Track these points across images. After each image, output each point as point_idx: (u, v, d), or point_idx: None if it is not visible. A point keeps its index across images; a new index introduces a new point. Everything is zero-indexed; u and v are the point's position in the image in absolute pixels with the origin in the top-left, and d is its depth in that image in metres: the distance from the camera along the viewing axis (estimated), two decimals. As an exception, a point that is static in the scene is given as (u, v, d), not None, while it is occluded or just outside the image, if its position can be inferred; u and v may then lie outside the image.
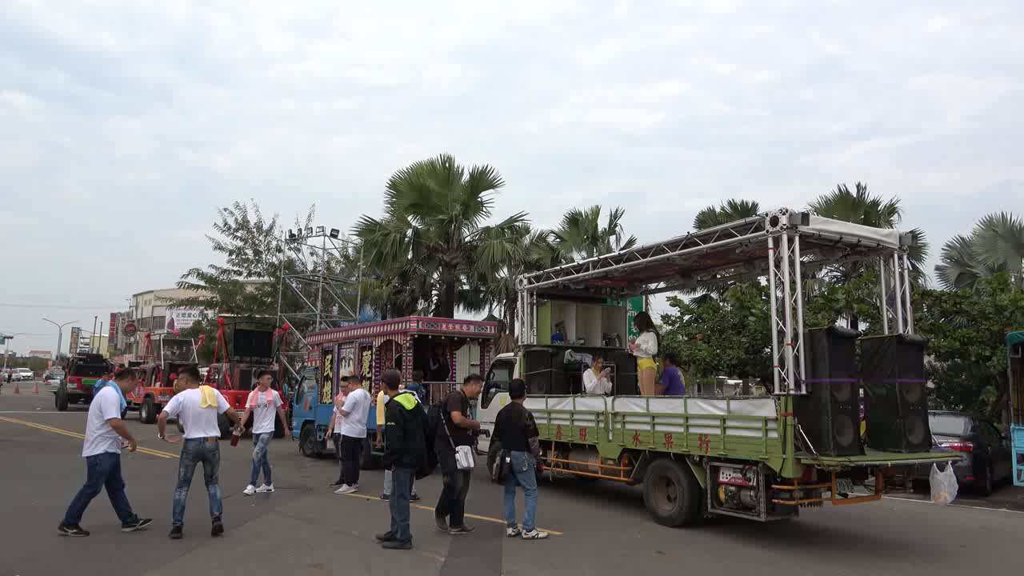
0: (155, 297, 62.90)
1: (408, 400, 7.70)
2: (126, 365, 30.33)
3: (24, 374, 75.26)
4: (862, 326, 17.44)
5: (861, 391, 8.22)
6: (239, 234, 28.92)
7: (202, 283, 29.51)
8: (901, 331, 8.64)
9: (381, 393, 9.86)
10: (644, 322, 11.21)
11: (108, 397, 7.74)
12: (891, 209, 23.75)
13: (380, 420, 9.95)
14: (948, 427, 12.94)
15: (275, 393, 11.19)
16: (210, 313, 31.86)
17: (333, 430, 11.82)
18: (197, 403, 7.84)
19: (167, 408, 7.91)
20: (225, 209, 28.82)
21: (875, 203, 23.70)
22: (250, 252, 29.19)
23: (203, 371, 25.33)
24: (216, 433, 7.90)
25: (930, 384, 18.35)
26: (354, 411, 11.08)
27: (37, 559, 6.68)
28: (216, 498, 7.84)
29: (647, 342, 10.49)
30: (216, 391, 8.08)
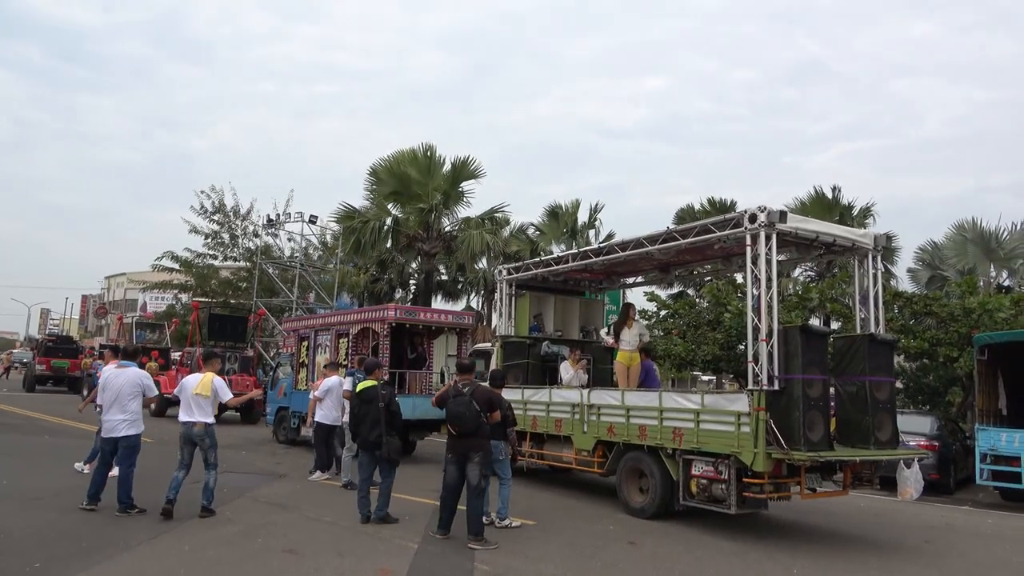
0: (128, 280, 61.99)
1: (363, 384, 7.99)
2: (97, 348, 29.89)
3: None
4: (835, 325, 17.70)
5: (832, 388, 8.35)
6: (215, 217, 28.62)
7: (176, 266, 29.18)
8: (873, 330, 8.78)
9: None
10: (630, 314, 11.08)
11: (218, 383, 7.98)
12: (866, 212, 24.06)
13: None
14: (915, 426, 13.20)
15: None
16: (184, 297, 31.51)
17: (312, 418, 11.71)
18: (190, 388, 7.88)
19: (177, 392, 8.15)
20: (202, 192, 28.53)
21: (850, 206, 24.00)
22: (226, 236, 28.90)
23: (175, 355, 25.13)
24: (206, 419, 7.86)
25: (899, 384, 18.69)
26: (327, 397, 11.01)
27: (3, 536, 6.57)
28: (208, 487, 7.85)
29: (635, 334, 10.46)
30: (221, 382, 8.03)
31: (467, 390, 7.27)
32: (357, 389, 8.14)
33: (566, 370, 11.13)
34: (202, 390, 7.85)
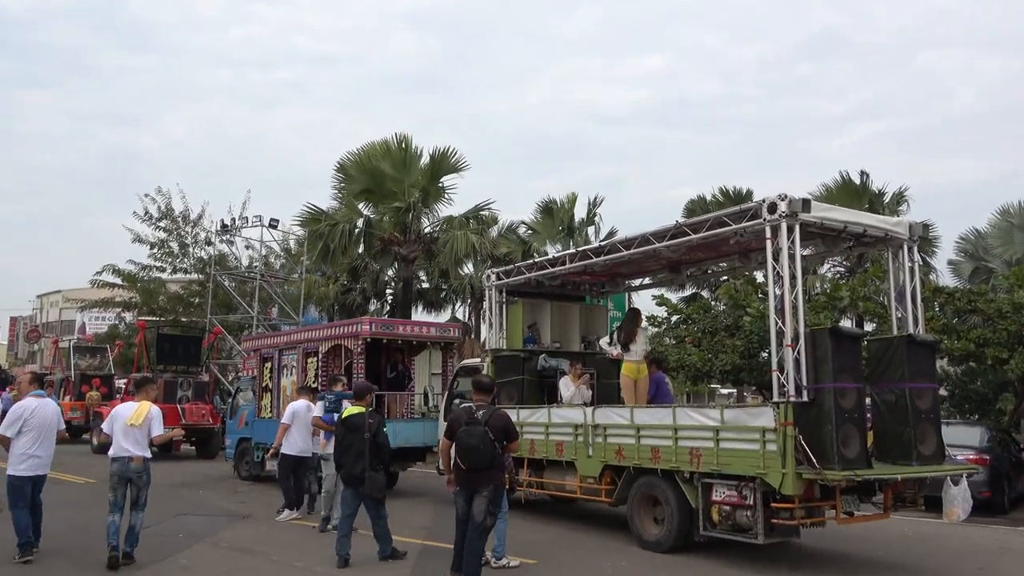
0: (64, 298, 61.51)
1: (350, 411, 8.06)
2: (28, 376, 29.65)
3: None
4: (868, 326, 17.78)
5: (868, 397, 8.38)
6: (162, 224, 28.48)
7: (119, 281, 29.01)
8: (911, 331, 8.81)
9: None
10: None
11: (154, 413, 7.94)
12: (899, 198, 24.21)
13: None
14: (962, 437, 13.24)
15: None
16: (128, 316, 31.31)
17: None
18: (123, 418, 7.80)
19: (103, 427, 8.09)
20: (146, 195, 28.34)
21: (880, 192, 24.16)
22: (175, 245, 28.76)
23: (120, 383, 24.99)
24: (144, 453, 7.80)
25: (943, 390, 18.78)
26: (292, 424, 10.94)
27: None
28: (134, 531, 7.78)
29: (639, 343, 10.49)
30: (157, 413, 7.98)
31: (481, 416, 6.97)
32: (344, 415, 8.16)
33: (566, 386, 11.12)
34: (135, 420, 7.77)
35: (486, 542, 7.13)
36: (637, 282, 13.34)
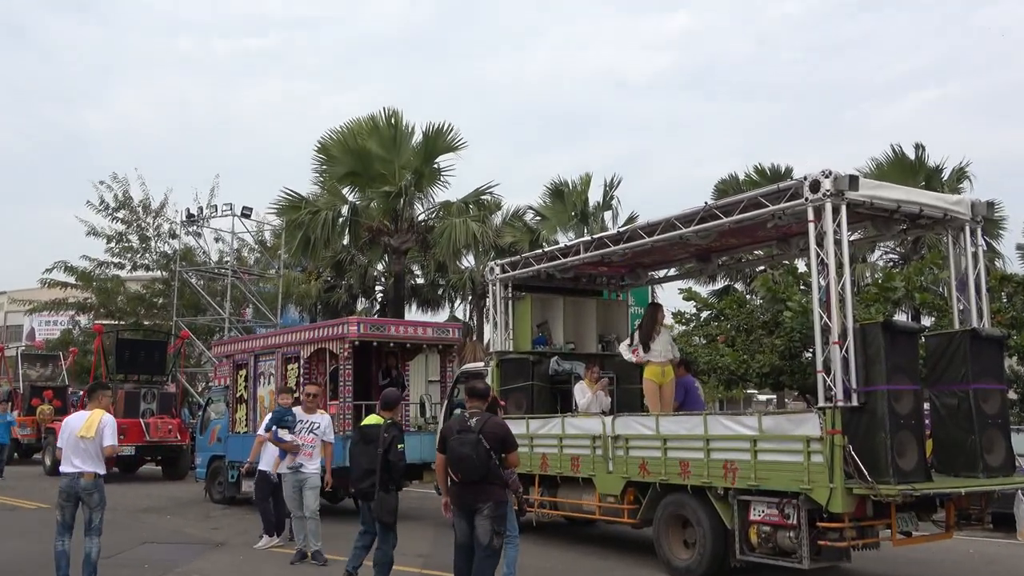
0: (9, 299, 61.76)
1: (368, 420, 8.28)
2: None
3: None
4: (926, 320, 17.74)
5: (926, 401, 8.37)
6: (120, 215, 28.62)
7: (72, 280, 29.15)
8: (975, 325, 8.79)
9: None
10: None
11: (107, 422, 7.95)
12: (960, 174, 24.20)
13: None
14: (1035, 446, 13.22)
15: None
16: (83, 319, 31.47)
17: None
18: (74, 430, 7.82)
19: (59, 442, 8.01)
20: (101, 183, 28.46)
21: (938, 168, 24.14)
22: (135, 238, 28.92)
23: (77, 395, 25.11)
24: (96, 468, 7.85)
25: (1012, 393, 18.73)
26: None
27: None
28: (90, 560, 7.80)
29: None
30: (111, 422, 8.00)
31: (475, 424, 7.02)
32: (362, 423, 8.37)
33: (582, 393, 11.14)
34: (87, 431, 7.80)
35: (495, 569, 7.14)
36: (661, 274, 13.33)
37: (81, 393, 23.29)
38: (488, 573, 6.98)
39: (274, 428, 10.15)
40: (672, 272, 12.96)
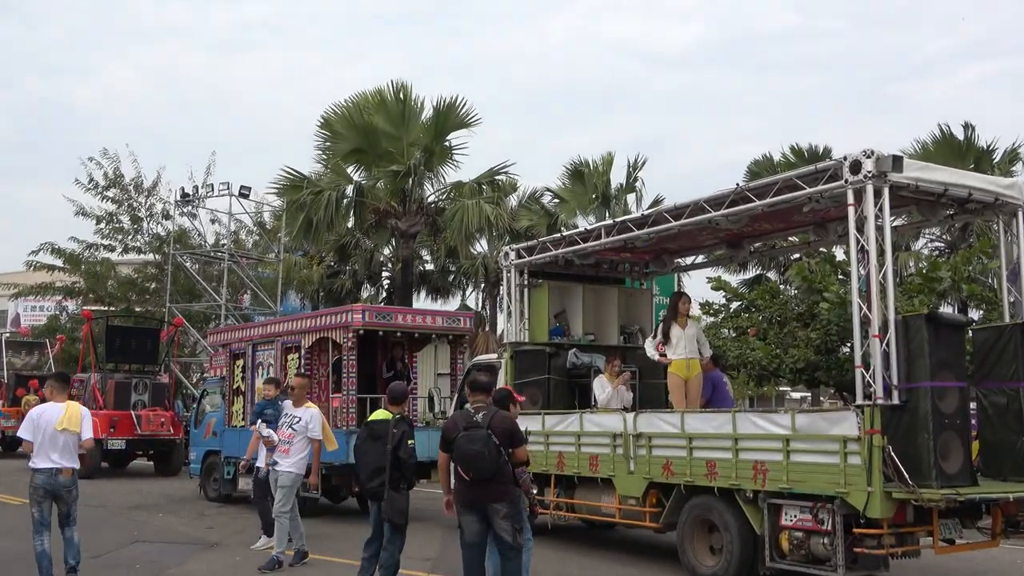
0: (-8, 284, 62.35)
1: (376, 415, 8.33)
2: None
3: None
4: (974, 313, 17.65)
5: (973, 399, 8.34)
6: (110, 194, 28.75)
7: (59, 263, 29.32)
8: (1027, 318, 8.78)
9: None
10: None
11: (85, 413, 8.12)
12: (1012, 156, 24.02)
13: None
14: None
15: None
16: (71, 305, 31.68)
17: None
18: (52, 423, 7.90)
19: (22, 434, 8.03)
20: (90, 159, 28.60)
21: (989, 148, 23.96)
22: (126, 219, 29.06)
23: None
24: (73, 464, 8.00)
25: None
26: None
27: None
28: (72, 543, 8.01)
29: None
30: (85, 412, 8.17)
31: (482, 419, 7.08)
32: (369, 419, 8.40)
33: (602, 387, 11.16)
34: (70, 424, 7.91)
35: (520, 570, 7.20)
36: (688, 261, 13.32)
37: (47, 384, 23.45)
38: (519, 571, 7.07)
39: (259, 421, 10.30)
40: (700, 259, 12.95)
